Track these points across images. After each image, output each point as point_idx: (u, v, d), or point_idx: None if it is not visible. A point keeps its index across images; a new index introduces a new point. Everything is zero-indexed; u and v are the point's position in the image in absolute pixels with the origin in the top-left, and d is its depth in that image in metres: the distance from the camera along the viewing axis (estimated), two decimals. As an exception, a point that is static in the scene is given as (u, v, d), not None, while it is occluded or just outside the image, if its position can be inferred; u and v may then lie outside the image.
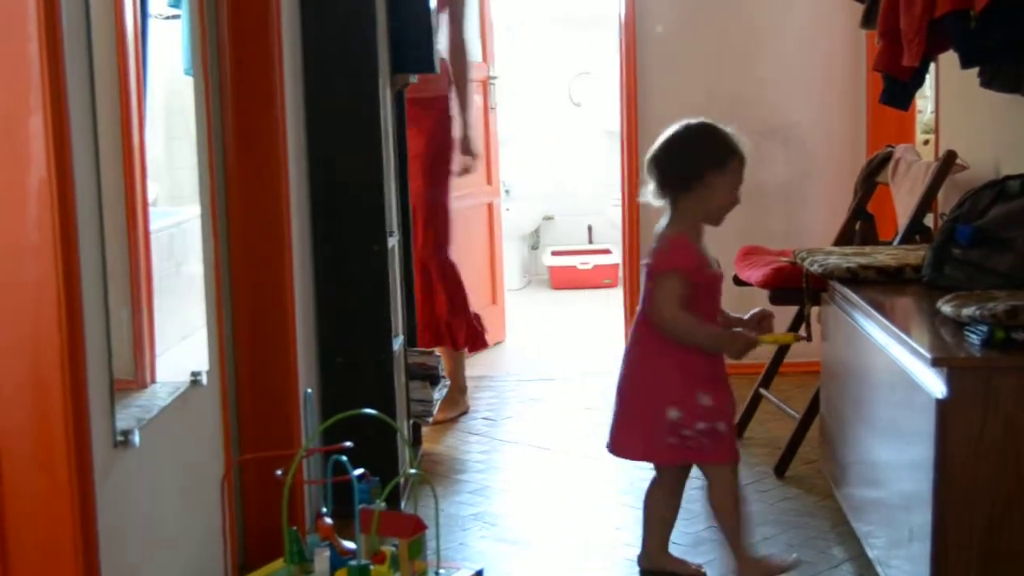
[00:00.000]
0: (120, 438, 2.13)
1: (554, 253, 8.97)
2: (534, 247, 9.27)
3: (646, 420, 3.40)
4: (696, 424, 3.34)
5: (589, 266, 8.63)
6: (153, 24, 2.60)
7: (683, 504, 3.60)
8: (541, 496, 4.27)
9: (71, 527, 1.88)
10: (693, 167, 3.41)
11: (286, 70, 3.44)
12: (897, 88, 4.41)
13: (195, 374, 2.64)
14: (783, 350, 4.83)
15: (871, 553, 3.37)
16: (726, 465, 3.42)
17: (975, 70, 3.95)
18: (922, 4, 3.84)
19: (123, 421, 2.16)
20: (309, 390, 2.94)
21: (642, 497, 3.56)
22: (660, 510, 3.51)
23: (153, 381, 2.42)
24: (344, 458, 2.57)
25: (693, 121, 3.52)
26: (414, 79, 4.73)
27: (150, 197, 2.47)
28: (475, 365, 6.34)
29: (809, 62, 5.92)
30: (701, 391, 3.35)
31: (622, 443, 3.50)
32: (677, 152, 3.44)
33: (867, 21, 4.60)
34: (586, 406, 5.41)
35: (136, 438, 2.16)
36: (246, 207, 3.30)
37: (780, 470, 4.41)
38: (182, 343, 2.72)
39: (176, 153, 2.86)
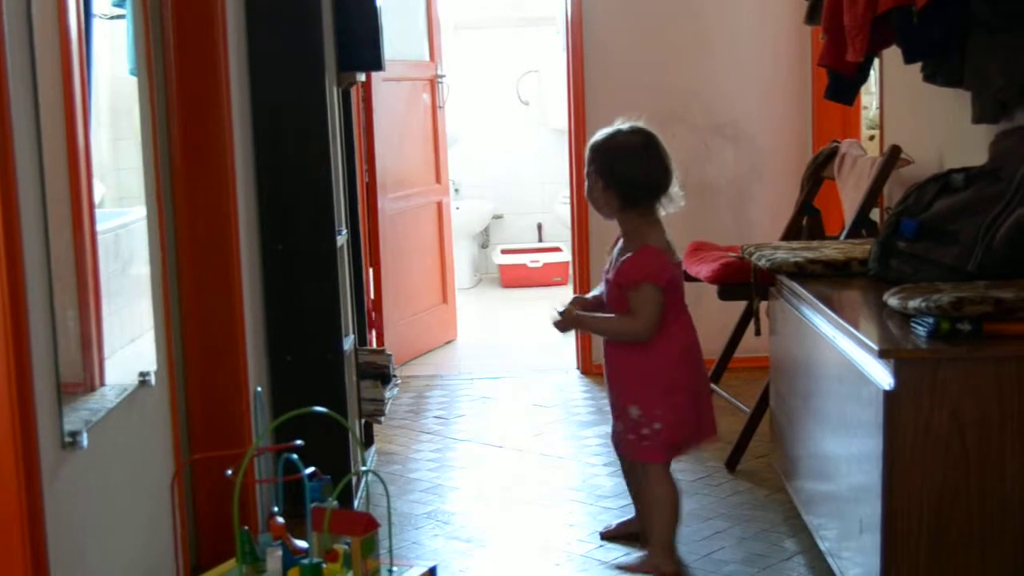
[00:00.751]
0: (68, 440, 2.10)
1: (504, 252, 8.98)
2: (484, 246, 9.27)
3: (619, 415, 3.57)
4: (652, 425, 3.45)
5: (539, 264, 8.64)
6: (97, 24, 2.57)
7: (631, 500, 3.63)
8: (494, 494, 4.27)
9: (19, 529, 1.86)
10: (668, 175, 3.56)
11: (232, 70, 3.42)
12: (842, 84, 4.45)
13: (143, 375, 2.62)
14: (734, 343, 4.86)
15: (822, 545, 3.39)
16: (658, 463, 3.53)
17: (918, 65, 3.98)
18: (865, 0, 3.86)
19: (71, 423, 2.14)
20: (259, 388, 2.93)
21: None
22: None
23: (102, 383, 2.39)
24: (295, 456, 2.56)
25: (643, 129, 3.66)
26: (362, 77, 4.73)
27: (96, 198, 2.45)
28: (426, 364, 6.35)
29: (755, 59, 5.95)
30: (663, 394, 3.48)
31: (615, 431, 3.64)
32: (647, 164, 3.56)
33: (811, 17, 4.63)
34: (537, 404, 5.42)
35: (84, 440, 2.14)
36: (193, 207, 3.28)
37: (731, 464, 4.43)
38: (131, 344, 2.69)
39: (122, 154, 2.82)
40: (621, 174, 3.51)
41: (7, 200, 1.82)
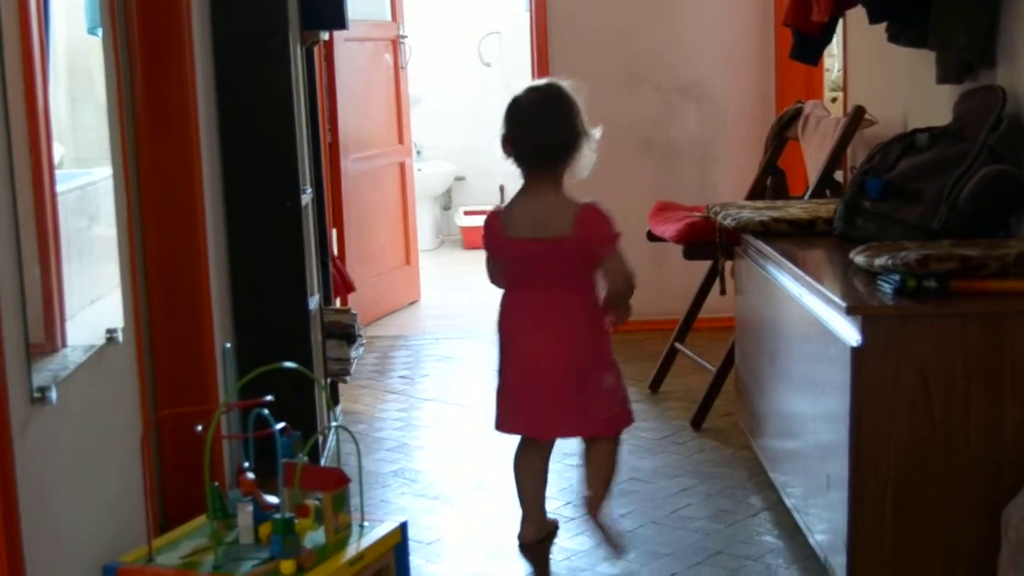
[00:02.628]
0: (37, 395, 2.09)
1: (466, 213, 8.95)
2: (446, 208, 9.25)
3: (584, 397, 3.32)
4: (621, 384, 3.39)
5: (501, 226, 8.61)
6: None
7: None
8: (459, 452, 4.28)
9: (-11, 485, 1.85)
10: (582, 129, 3.36)
11: (195, 28, 3.39)
12: (806, 44, 4.46)
13: (110, 331, 2.60)
14: (699, 303, 4.87)
15: (788, 502, 3.42)
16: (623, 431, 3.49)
17: (882, 26, 3.99)
18: (831, -41, 3.87)
19: (40, 379, 2.13)
20: (228, 345, 2.91)
21: (557, 451, 3.56)
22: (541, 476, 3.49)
23: (64, 345, 2.37)
24: (266, 412, 2.55)
25: (556, 83, 3.45)
26: (325, 36, 4.70)
27: (55, 159, 2.42)
28: (390, 324, 6.34)
29: (719, 19, 5.95)
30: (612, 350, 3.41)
31: (563, 427, 3.41)
32: (567, 116, 3.36)
33: (777, -23, 4.63)
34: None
35: (53, 395, 2.13)
36: (157, 166, 3.26)
37: (697, 423, 4.45)
38: (98, 302, 2.67)
39: (80, 114, 2.79)
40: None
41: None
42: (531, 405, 3.36)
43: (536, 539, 3.45)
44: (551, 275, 3.31)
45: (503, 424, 3.42)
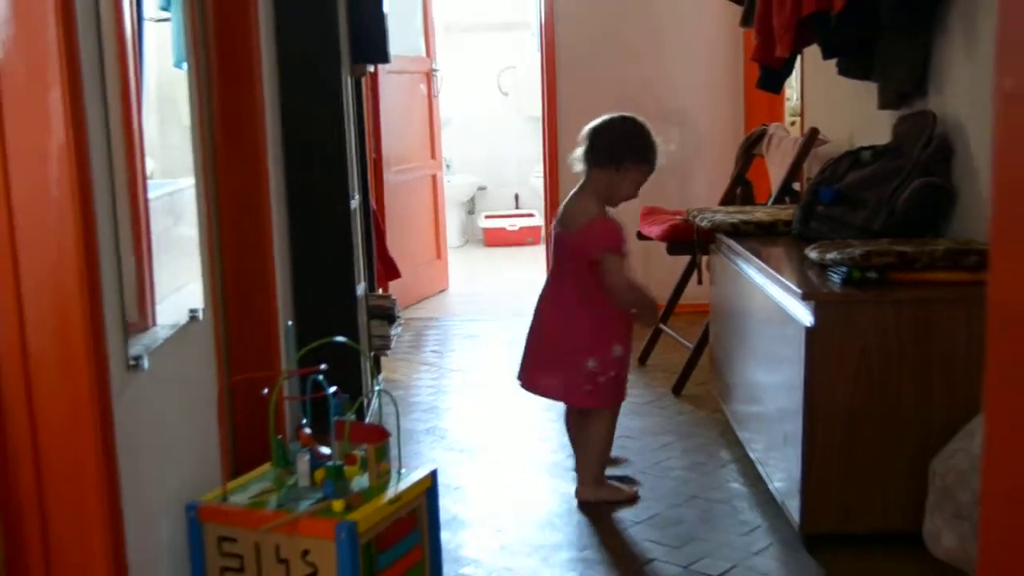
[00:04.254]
0: (132, 362, 2.10)
1: (487, 217, 8.95)
2: (470, 212, 9.24)
3: (568, 368, 3.28)
4: (608, 372, 3.27)
5: (516, 228, 8.62)
6: (147, 25, 2.54)
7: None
8: (481, 414, 4.28)
9: (92, 438, 1.85)
10: (618, 150, 3.26)
11: (264, 62, 3.39)
12: (771, 76, 4.45)
13: (193, 311, 2.60)
14: (680, 291, 4.86)
15: (752, 455, 3.42)
16: (615, 407, 3.38)
17: (834, 61, 3.98)
18: (790, 5, 3.87)
19: (134, 349, 2.13)
20: (290, 323, 2.92)
21: (562, 413, 3.55)
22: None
23: (154, 323, 2.38)
24: (321, 378, 2.55)
25: (637, 118, 3.37)
26: (371, 69, 4.70)
27: (147, 171, 2.43)
28: (424, 308, 6.35)
29: (697, 56, 5.94)
30: (616, 344, 3.27)
31: (542, 383, 3.37)
32: (612, 133, 3.30)
33: (745, 20, 4.62)
34: (514, 342, 5.40)
35: (145, 363, 2.13)
36: (232, 177, 3.25)
37: (677, 390, 4.45)
38: (177, 292, 2.66)
39: (167, 134, 2.80)
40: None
41: (80, 159, 1.80)
42: (526, 361, 3.40)
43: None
44: (560, 262, 3.32)
45: (519, 375, 3.44)
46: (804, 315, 2.80)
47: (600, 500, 3.30)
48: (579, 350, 3.26)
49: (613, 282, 3.20)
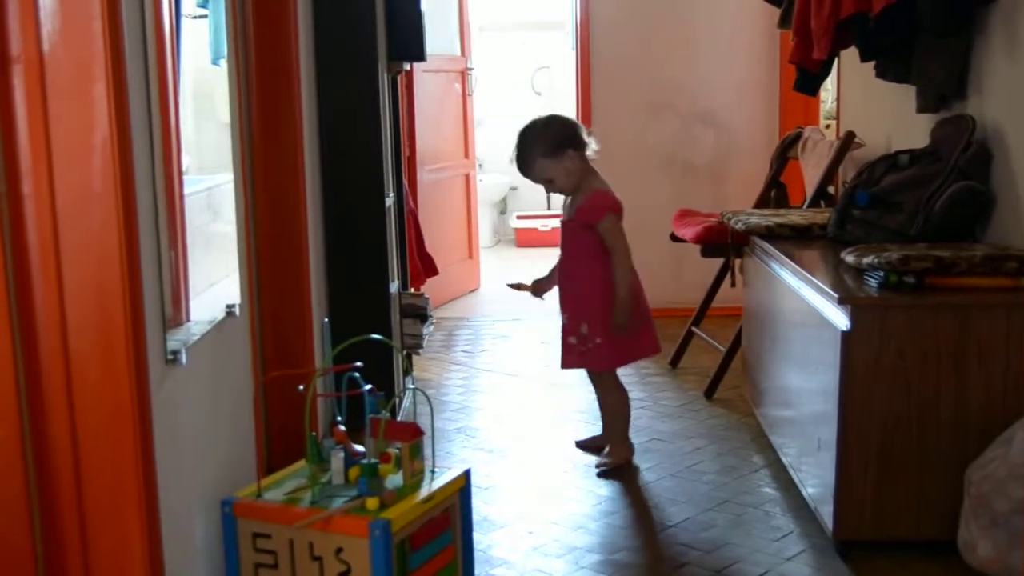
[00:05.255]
0: (171, 356, 2.11)
1: (519, 217, 8.94)
2: (502, 212, 9.24)
3: (571, 333, 3.59)
4: (595, 338, 3.52)
5: (548, 228, 8.59)
6: (185, 22, 2.55)
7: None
8: (511, 414, 4.28)
9: (132, 429, 1.86)
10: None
11: (301, 59, 3.40)
12: (807, 78, 4.43)
13: (229, 306, 2.61)
14: (713, 294, 4.84)
15: (785, 460, 3.40)
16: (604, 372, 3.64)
17: (871, 64, 3.96)
18: (829, 7, 3.84)
19: (173, 343, 2.14)
20: (326, 319, 2.92)
21: (593, 414, 3.61)
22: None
23: (188, 319, 2.39)
24: (357, 375, 2.56)
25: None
26: (407, 67, 4.70)
27: (184, 167, 2.44)
28: (455, 307, 6.35)
29: (733, 58, 5.91)
30: (608, 316, 3.51)
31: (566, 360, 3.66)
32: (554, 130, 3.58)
33: (783, 22, 4.60)
34: (545, 341, 5.42)
35: (183, 357, 2.14)
36: (268, 172, 3.27)
37: (709, 394, 4.43)
38: (213, 287, 2.68)
39: (203, 131, 2.81)
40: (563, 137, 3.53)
41: (123, 153, 1.81)
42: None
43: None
44: (568, 247, 3.62)
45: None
46: (840, 319, 2.78)
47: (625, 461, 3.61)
48: (577, 312, 3.57)
49: (614, 240, 3.49)
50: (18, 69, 1.73)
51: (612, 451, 3.64)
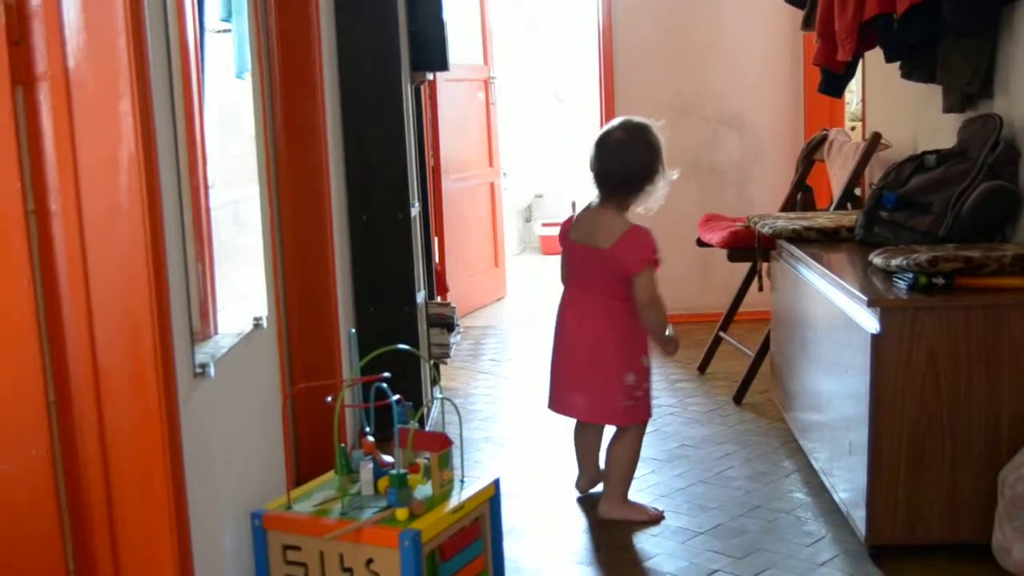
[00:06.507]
0: (199, 370, 2.12)
1: (544, 225, 8.93)
2: (528, 220, 9.24)
3: (605, 385, 3.24)
4: (643, 385, 3.24)
5: (573, 236, 8.58)
6: (208, 37, 2.57)
7: (657, 428, 3.60)
8: (538, 423, 4.27)
9: (161, 442, 1.86)
10: (656, 168, 3.21)
11: (325, 71, 3.42)
12: (832, 80, 4.41)
13: (257, 319, 2.63)
14: (740, 298, 4.82)
15: (816, 464, 3.38)
16: (645, 423, 3.33)
17: (896, 64, 3.94)
18: (853, 8, 3.82)
19: (201, 356, 2.15)
20: (353, 331, 2.93)
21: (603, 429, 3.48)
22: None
23: (215, 332, 2.40)
24: (385, 385, 2.56)
25: (644, 126, 3.25)
26: (430, 77, 4.71)
27: (209, 181, 2.45)
28: (482, 316, 6.35)
29: (757, 60, 5.89)
30: (643, 355, 3.24)
31: (573, 402, 3.33)
32: (643, 155, 3.21)
33: (806, 24, 4.58)
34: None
35: (211, 370, 2.15)
36: (294, 185, 3.29)
37: (738, 399, 4.42)
38: (237, 302, 2.69)
39: (227, 144, 2.83)
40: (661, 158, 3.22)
41: (149, 169, 1.82)
42: (555, 382, 3.37)
43: (586, 489, 3.48)
44: (589, 278, 3.25)
45: (550, 403, 3.41)
46: (869, 322, 2.77)
47: (626, 519, 3.25)
48: (615, 365, 3.21)
49: (649, 296, 3.15)
50: (44, 87, 1.75)
51: (608, 501, 3.30)
